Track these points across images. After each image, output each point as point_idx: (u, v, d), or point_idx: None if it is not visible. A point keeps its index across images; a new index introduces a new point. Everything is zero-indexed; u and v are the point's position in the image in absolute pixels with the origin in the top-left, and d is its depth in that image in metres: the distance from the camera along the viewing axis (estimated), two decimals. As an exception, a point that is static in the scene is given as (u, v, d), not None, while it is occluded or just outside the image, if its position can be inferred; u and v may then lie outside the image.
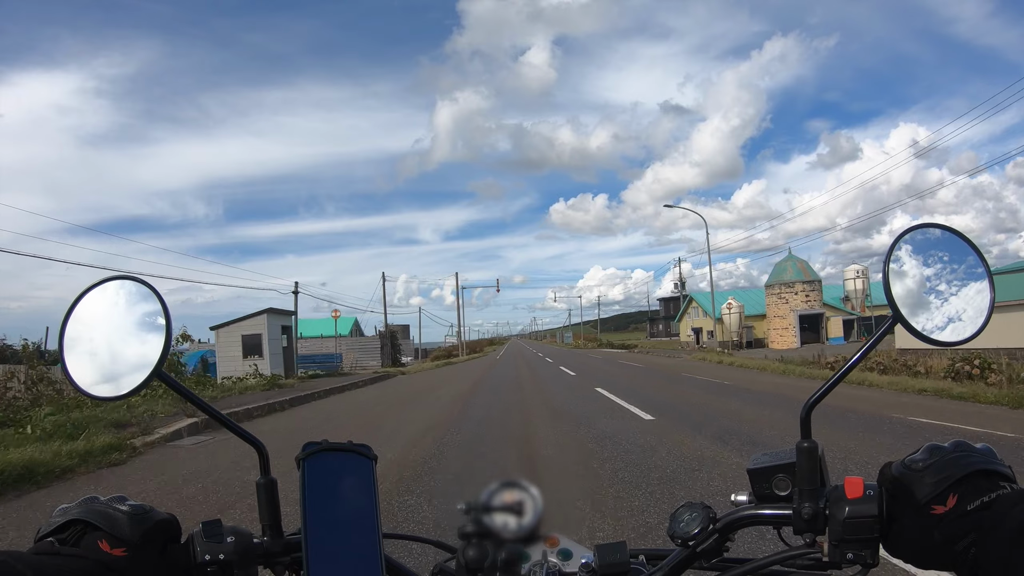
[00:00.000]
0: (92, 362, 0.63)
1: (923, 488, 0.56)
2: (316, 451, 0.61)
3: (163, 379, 0.61)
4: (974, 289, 0.62)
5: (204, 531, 0.61)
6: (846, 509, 0.57)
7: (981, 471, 0.56)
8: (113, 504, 0.59)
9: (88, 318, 0.64)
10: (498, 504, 0.64)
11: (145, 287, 0.64)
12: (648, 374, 19.45)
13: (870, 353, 0.62)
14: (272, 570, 0.64)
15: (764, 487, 0.63)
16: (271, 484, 0.64)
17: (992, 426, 7.16)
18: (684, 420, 8.36)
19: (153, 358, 0.61)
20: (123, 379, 0.62)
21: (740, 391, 12.66)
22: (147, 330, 0.63)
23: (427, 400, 13.36)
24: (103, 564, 0.55)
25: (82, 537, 0.56)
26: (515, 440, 7.40)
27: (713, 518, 0.64)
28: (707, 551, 0.64)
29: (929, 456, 0.58)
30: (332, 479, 0.61)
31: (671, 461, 5.64)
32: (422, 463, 5.95)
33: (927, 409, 9.04)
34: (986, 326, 0.61)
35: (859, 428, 7.23)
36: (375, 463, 0.63)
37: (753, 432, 7.15)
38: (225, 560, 0.60)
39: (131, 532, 0.57)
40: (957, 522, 0.54)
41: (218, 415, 0.65)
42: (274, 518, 0.64)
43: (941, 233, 0.64)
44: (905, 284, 0.62)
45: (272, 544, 0.63)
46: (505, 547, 0.60)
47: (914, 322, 0.60)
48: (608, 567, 0.63)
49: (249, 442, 0.65)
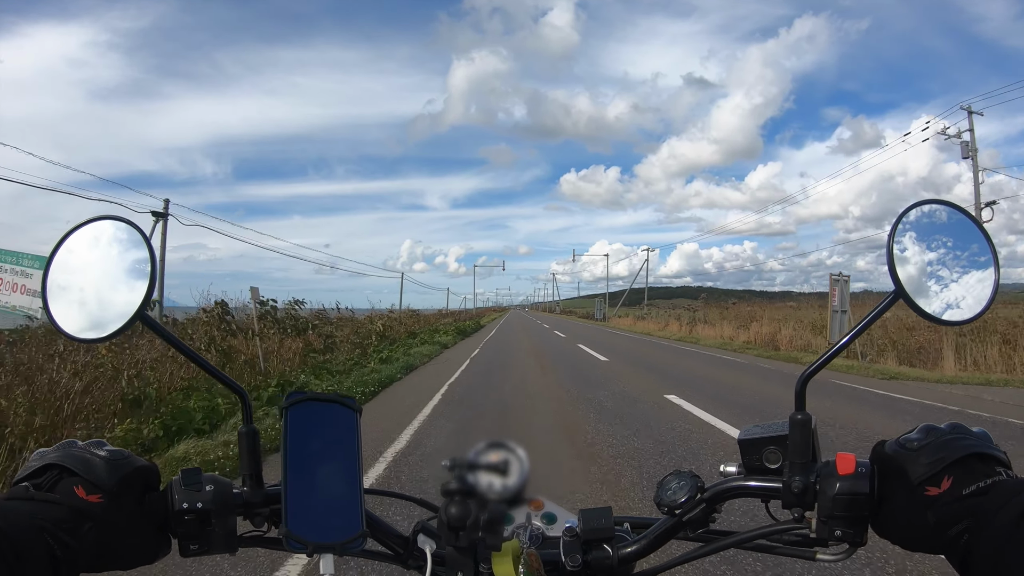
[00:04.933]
0: (80, 304, 0.62)
1: (917, 468, 0.55)
2: (300, 400, 0.60)
3: (146, 322, 0.60)
4: (979, 268, 0.61)
5: (183, 479, 0.60)
6: (837, 485, 0.56)
7: (976, 454, 0.55)
8: (91, 449, 0.58)
9: (73, 259, 0.62)
10: (483, 463, 0.63)
11: (131, 227, 0.62)
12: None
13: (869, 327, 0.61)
14: (251, 520, 0.63)
15: (754, 459, 0.62)
16: (253, 433, 0.63)
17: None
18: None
19: (138, 300, 0.59)
20: (107, 322, 0.60)
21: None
22: (136, 274, 0.61)
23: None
24: (78, 510, 0.53)
25: (58, 482, 0.55)
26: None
27: (701, 487, 0.63)
28: (693, 521, 0.63)
29: (925, 436, 0.57)
30: (315, 430, 0.60)
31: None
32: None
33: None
34: (990, 306, 0.60)
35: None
36: (359, 415, 0.63)
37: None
38: (203, 509, 0.59)
39: (108, 478, 0.56)
40: (951, 506, 0.53)
41: (200, 361, 0.64)
42: (255, 468, 0.63)
43: (947, 211, 0.62)
44: (908, 260, 0.60)
45: (252, 494, 0.62)
46: (488, 507, 0.59)
47: (916, 299, 0.58)
48: (592, 532, 0.63)
49: (232, 389, 0.64)
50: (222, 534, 0.60)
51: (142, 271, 0.61)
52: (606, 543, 0.63)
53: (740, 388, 9.22)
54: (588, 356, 14.85)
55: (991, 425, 6.09)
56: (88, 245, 0.63)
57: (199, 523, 0.59)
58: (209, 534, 0.60)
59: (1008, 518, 0.49)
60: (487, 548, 0.60)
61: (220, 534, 0.60)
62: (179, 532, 0.59)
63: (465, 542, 0.59)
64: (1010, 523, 0.49)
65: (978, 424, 0.60)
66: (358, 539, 0.57)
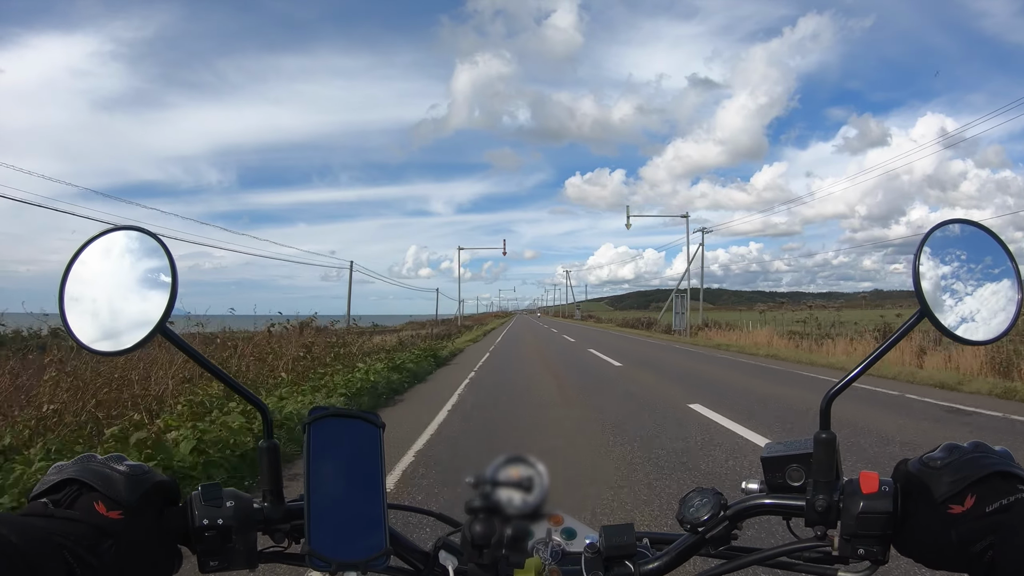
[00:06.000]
0: (93, 315, 0.61)
1: (941, 486, 0.55)
2: (322, 416, 0.59)
3: (167, 335, 0.59)
4: (1003, 289, 0.61)
5: (203, 495, 0.59)
6: (860, 504, 0.56)
7: (999, 472, 0.55)
8: (111, 464, 0.57)
9: (91, 270, 0.62)
10: (505, 479, 0.63)
11: (151, 238, 0.61)
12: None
13: (896, 345, 0.61)
14: (271, 537, 0.62)
15: (777, 476, 0.62)
16: (274, 448, 0.62)
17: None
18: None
19: (156, 314, 0.59)
20: (125, 335, 0.59)
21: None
22: (151, 284, 0.60)
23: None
24: (98, 528, 0.53)
25: (77, 498, 0.54)
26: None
27: (724, 505, 0.63)
28: (715, 538, 0.63)
29: (948, 455, 0.57)
30: (337, 446, 0.59)
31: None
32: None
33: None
34: (1013, 326, 0.61)
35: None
36: (383, 431, 0.62)
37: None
38: (224, 525, 0.58)
39: (128, 494, 0.55)
40: (975, 523, 0.53)
41: (222, 375, 0.63)
42: (275, 483, 0.62)
43: (973, 230, 0.63)
44: (934, 279, 0.61)
45: (272, 510, 0.61)
46: (512, 524, 0.59)
47: (941, 318, 0.59)
48: (614, 549, 0.63)
49: (253, 404, 0.63)
50: (243, 550, 0.59)
51: (156, 281, 0.60)
52: (628, 560, 0.63)
53: None
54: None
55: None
56: (106, 256, 0.62)
57: (220, 539, 0.58)
58: (229, 550, 0.59)
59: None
60: (510, 565, 0.59)
61: (241, 550, 0.59)
62: (199, 548, 0.59)
63: (488, 559, 0.59)
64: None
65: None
66: (382, 557, 0.57)
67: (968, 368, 11.47)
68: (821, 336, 18.83)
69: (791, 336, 20.43)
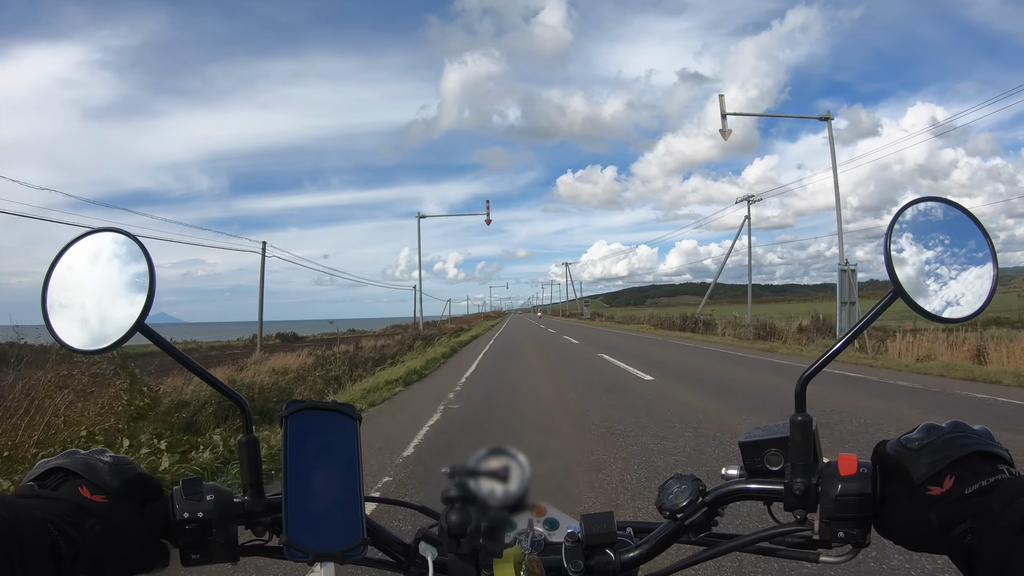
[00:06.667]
0: (74, 315, 0.62)
1: (919, 468, 0.54)
2: (299, 409, 0.60)
3: (145, 332, 0.60)
4: (977, 266, 0.60)
5: (184, 489, 0.60)
6: (839, 486, 0.56)
7: (979, 452, 0.54)
8: (95, 455, 0.60)
9: (72, 271, 0.63)
10: (484, 470, 0.63)
11: (129, 239, 0.63)
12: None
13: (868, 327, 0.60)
14: (252, 530, 0.63)
15: (756, 461, 0.62)
16: (253, 442, 0.63)
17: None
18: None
19: (135, 312, 0.59)
20: (106, 333, 0.61)
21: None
22: (130, 283, 0.61)
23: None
24: (82, 507, 0.55)
25: (63, 483, 0.57)
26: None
27: (703, 491, 0.63)
28: (695, 525, 0.63)
29: (926, 435, 0.56)
30: (314, 438, 0.60)
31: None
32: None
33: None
34: (988, 303, 0.60)
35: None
36: (359, 423, 0.63)
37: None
38: (204, 519, 0.59)
39: (111, 480, 0.57)
40: (954, 506, 0.52)
41: (201, 371, 0.64)
42: (255, 477, 0.63)
43: (945, 208, 0.62)
44: (906, 258, 0.60)
45: (253, 504, 0.62)
46: (489, 513, 0.59)
47: (915, 297, 0.58)
48: (594, 537, 0.63)
49: (232, 399, 0.64)
50: (224, 543, 0.60)
51: (140, 283, 0.61)
52: (608, 548, 0.63)
53: None
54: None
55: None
56: (87, 258, 0.63)
57: (201, 532, 0.59)
58: (211, 543, 0.60)
59: (1013, 518, 0.49)
60: (489, 555, 0.59)
61: (222, 543, 0.60)
62: (181, 542, 0.59)
63: (467, 549, 0.59)
64: (1015, 523, 0.48)
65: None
66: (359, 547, 0.58)
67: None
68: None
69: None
